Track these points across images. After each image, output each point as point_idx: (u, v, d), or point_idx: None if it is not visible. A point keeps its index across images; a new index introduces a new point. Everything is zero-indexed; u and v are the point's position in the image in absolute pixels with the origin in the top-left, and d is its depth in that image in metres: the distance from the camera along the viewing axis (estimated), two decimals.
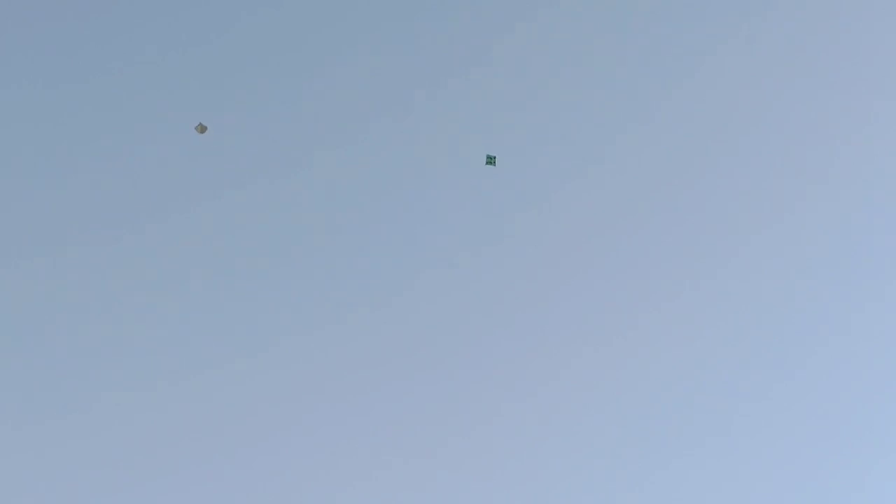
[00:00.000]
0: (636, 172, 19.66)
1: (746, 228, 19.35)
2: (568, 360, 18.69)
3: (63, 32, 20.06)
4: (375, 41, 20.16)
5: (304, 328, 18.91)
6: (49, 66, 19.93)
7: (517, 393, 18.54)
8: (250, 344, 18.78)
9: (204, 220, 19.33)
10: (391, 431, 18.35)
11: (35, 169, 19.54)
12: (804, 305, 18.96)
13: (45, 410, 18.24)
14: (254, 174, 19.48)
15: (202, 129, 14.94)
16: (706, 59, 20.18)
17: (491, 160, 15.69)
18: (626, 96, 20.03)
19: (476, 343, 18.83)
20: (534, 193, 19.46)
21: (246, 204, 19.39)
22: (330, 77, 20.06)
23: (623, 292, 19.06)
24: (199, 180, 19.40)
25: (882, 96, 19.89)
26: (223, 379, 18.57)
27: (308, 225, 19.41)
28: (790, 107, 19.96)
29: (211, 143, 19.11)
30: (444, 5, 20.23)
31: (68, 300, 18.95)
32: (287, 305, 18.99)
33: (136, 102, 19.73)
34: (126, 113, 19.73)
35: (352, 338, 18.85)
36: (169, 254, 19.20)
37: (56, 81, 19.92)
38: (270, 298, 18.96)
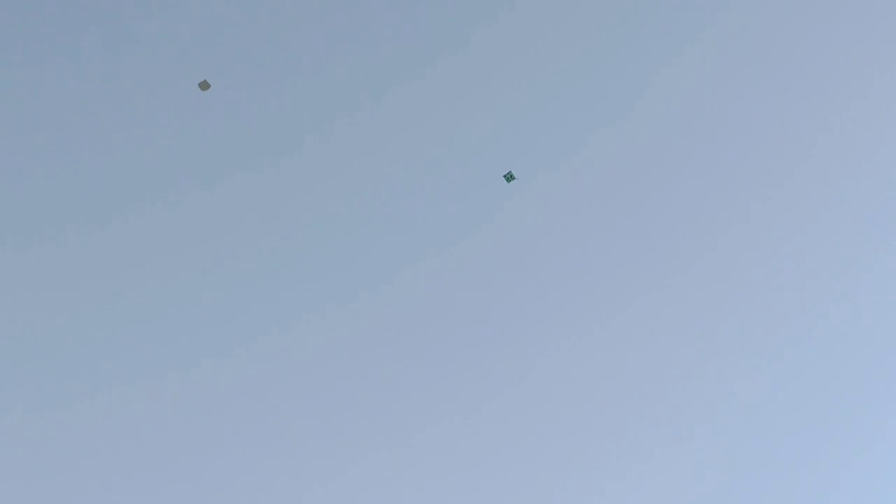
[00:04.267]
0: (626, 167, 19.63)
1: (739, 226, 19.32)
2: (558, 356, 18.72)
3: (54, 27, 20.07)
4: (361, 34, 20.15)
5: (290, 323, 18.95)
6: (32, 54, 19.96)
7: (507, 390, 18.58)
8: (238, 339, 18.82)
9: (188, 214, 19.37)
10: (380, 428, 18.42)
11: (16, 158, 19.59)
12: (798, 302, 18.95)
13: (34, 407, 18.33)
14: (235, 168, 19.50)
15: (205, 85, 14.86)
16: (697, 52, 20.11)
17: (509, 177, 15.59)
18: (618, 91, 19.99)
19: (467, 339, 18.87)
20: (520, 188, 19.45)
21: (231, 198, 19.42)
22: (316, 68, 20.05)
23: (612, 288, 19.08)
24: (182, 174, 19.43)
25: (881, 95, 19.82)
26: (212, 374, 18.63)
27: (293, 218, 19.43)
28: (786, 100, 19.90)
29: (196, 134, 19.13)
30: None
31: (56, 295, 19.02)
32: (273, 300, 19.05)
33: (121, 91, 19.74)
34: (111, 101, 19.73)
35: (343, 333, 18.90)
36: (154, 248, 19.24)
37: (35, 68, 19.95)
38: (257, 293, 19.01)
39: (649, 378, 18.70)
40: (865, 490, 17.98)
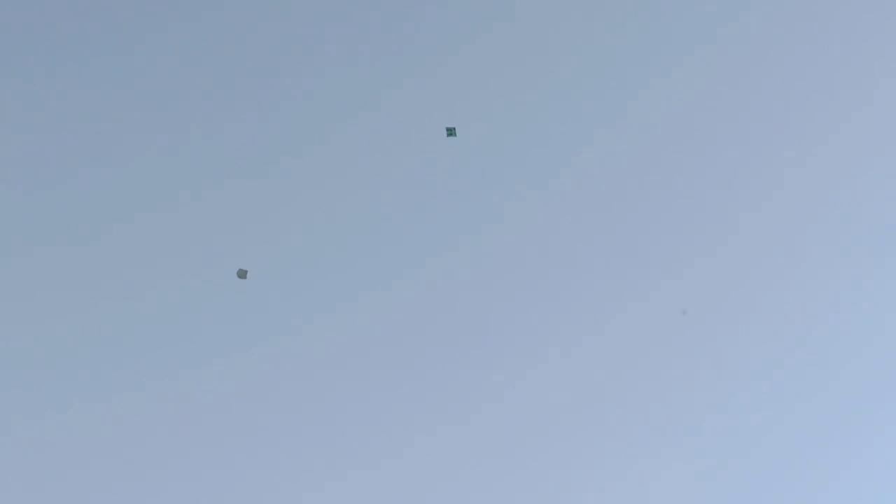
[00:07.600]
0: (627, 168, 19.64)
1: (736, 228, 19.32)
2: (558, 358, 18.68)
3: (57, 31, 20.11)
4: (358, 34, 20.17)
5: (292, 326, 18.94)
6: (41, 62, 19.98)
7: (505, 392, 18.55)
8: (241, 342, 18.80)
9: (190, 216, 19.37)
10: (379, 430, 18.38)
11: (22, 165, 19.60)
12: (796, 305, 18.94)
13: (37, 408, 18.30)
14: (237, 170, 19.51)
15: (243, 274, 15.30)
16: (697, 55, 20.14)
17: (451, 132, 15.71)
18: (620, 92, 20.00)
19: (466, 341, 18.84)
20: (522, 188, 19.45)
21: (235, 201, 19.42)
22: (317, 70, 20.07)
23: (612, 291, 19.05)
24: (184, 177, 19.44)
25: (880, 94, 19.83)
26: (214, 376, 18.60)
27: (295, 222, 19.43)
28: (785, 103, 19.91)
29: (195, 139, 19.13)
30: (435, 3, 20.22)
31: (59, 297, 19.00)
32: (274, 303, 19.03)
33: (124, 99, 19.75)
34: (114, 109, 19.76)
35: (343, 335, 18.87)
36: (156, 251, 19.23)
37: (46, 77, 19.97)
38: (259, 296, 19.00)
39: (651, 383, 18.68)
40: (866, 490, 17.96)
